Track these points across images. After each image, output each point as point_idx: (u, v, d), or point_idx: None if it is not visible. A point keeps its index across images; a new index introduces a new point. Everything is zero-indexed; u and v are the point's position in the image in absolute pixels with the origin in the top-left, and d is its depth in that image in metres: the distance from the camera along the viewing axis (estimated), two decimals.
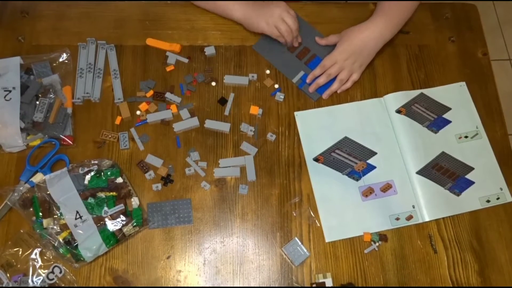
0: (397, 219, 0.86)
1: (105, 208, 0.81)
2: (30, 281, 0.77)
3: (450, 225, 0.87)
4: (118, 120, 0.90)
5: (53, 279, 0.78)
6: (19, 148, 0.87)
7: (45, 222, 0.80)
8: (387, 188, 0.89)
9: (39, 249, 0.79)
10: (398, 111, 0.94)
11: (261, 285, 0.81)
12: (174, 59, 0.96)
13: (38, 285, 0.77)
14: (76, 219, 0.80)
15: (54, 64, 0.93)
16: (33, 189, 0.83)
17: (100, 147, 0.88)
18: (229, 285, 0.81)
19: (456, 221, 0.87)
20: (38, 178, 0.83)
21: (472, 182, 0.90)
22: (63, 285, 0.78)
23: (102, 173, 0.84)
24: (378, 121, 0.94)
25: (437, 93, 0.97)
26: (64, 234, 0.79)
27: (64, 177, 0.83)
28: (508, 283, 0.83)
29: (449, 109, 0.96)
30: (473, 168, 0.91)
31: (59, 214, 0.81)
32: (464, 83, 0.98)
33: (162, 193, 0.86)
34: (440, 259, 0.84)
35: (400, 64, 0.99)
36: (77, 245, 0.79)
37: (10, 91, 0.87)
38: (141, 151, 0.89)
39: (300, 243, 0.83)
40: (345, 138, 0.92)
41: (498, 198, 0.89)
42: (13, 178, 0.85)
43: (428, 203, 0.87)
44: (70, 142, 0.87)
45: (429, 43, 1.02)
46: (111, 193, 0.83)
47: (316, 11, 1.03)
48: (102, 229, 0.80)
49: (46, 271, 0.78)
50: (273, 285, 0.81)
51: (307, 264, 0.83)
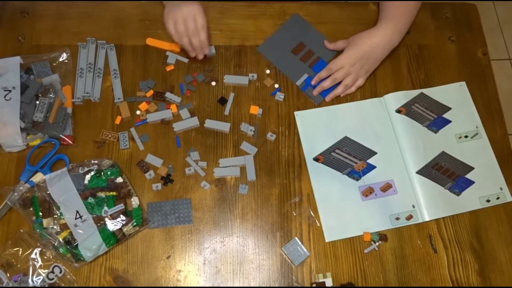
0: (397, 218, 0.86)
1: (105, 208, 0.81)
2: (30, 281, 0.77)
3: (450, 224, 0.87)
4: (118, 120, 0.90)
5: (53, 279, 0.78)
6: (19, 148, 0.87)
7: (45, 222, 0.80)
8: (387, 188, 0.89)
9: (39, 249, 0.79)
10: (398, 111, 0.94)
11: (261, 285, 0.81)
12: (174, 59, 0.96)
13: (38, 285, 0.77)
14: (76, 219, 0.80)
15: (54, 64, 0.93)
16: (33, 189, 0.83)
17: (100, 147, 0.88)
18: (229, 285, 0.81)
19: (456, 220, 0.87)
20: (38, 178, 0.83)
21: (472, 182, 0.90)
22: (63, 285, 0.78)
23: (102, 173, 0.84)
24: (378, 121, 0.94)
25: (437, 93, 0.97)
26: (64, 234, 0.79)
27: (64, 177, 0.83)
28: (508, 283, 0.83)
29: (449, 109, 0.96)
30: (473, 168, 0.91)
31: (59, 214, 0.81)
32: (464, 83, 0.98)
33: (162, 193, 0.86)
34: (440, 258, 0.84)
35: (400, 64, 0.99)
36: (77, 245, 0.79)
37: (10, 91, 0.87)
38: (141, 151, 0.89)
39: (300, 243, 0.83)
40: (345, 138, 0.92)
41: (498, 198, 0.89)
42: (13, 178, 0.85)
43: (428, 202, 0.87)
44: (70, 142, 0.87)
45: (429, 43, 1.02)
46: (111, 193, 0.83)
47: (316, 11, 1.03)
48: (102, 229, 0.80)
49: (46, 271, 0.78)
50: (273, 285, 0.81)
51: (307, 264, 0.83)
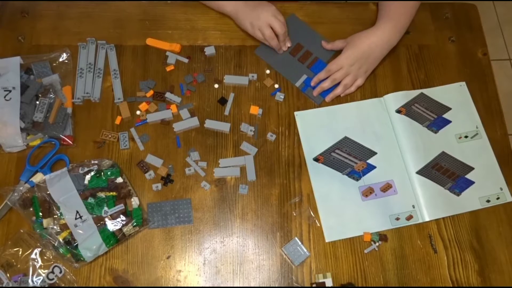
0: (397, 219, 0.86)
1: (105, 208, 0.81)
2: (30, 281, 0.77)
3: (450, 225, 0.87)
4: (118, 120, 0.90)
5: (53, 279, 0.78)
6: (19, 148, 0.87)
7: (45, 222, 0.80)
8: (387, 188, 0.89)
9: (39, 249, 0.79)
10: (398, 111, 0.94)
11: (261, 285, 0.81)
12: (174, 59, 0.96)
13: (38, 285, 0.77)
14: (76, 219, 0.80)
15: (54, 64, 0.93)
16: (33, 189, 0.83)
17: (100, 147, 0.88)
18: (229, 285, 0.81)
19: (456, 221, 0.87)
20: (38, 178, 0.83)
21: (472, 182, 0.90)
22: (63, 285, 0.78)
23: (102, 173, 0.84)
24: (378, 121, 0.94)
25: (437, 93, 0.97)
26: (64, 234, 0.79)
27: (64, 177, 0.83)
28: (508, 283, 0.83)
29: (449, 109, 0.96)
30: (473, 168, 0.91)
31: (59, 214, 0.81)
32: (464, 83, 0.98)
33: (162, 193, 0.86)
34: (440, 259, 0.84)
35: (400, 64, 0.99)
36: (77, 245, 0.79)
37: (10, 91, 0.87)
38: (141, 151, 0.89)
39: (300, 243, 0.83)
40: (345, 138, 0.92)
41: (498, 198, 0.89)
42: (13, 178, 0.85)
43: (428, 203, 0.87)
44: (70, 142, 0.87)
45: (429, 43, 1.02)
46: (111, 193, 0.83)
47: (316, 11, 1.03)
48: (102, 229, 0.80)
49: (46, 271, 0.78)
50: (273, 285, 0.81)
51: (307, 264, 0.83)
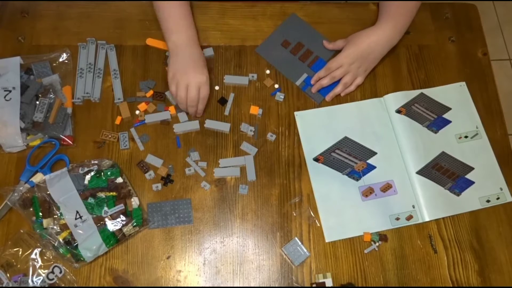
0: (397, 219, 0.86)
1: (105, 208, 0.81)
2: (30, 281, 0.77)
3: (450, 225, 0.87)
4: (118, 120, 0.90)
5: (53, 279, 0.78)
6: (19, 148, 0.87)
7: (45, 222, 0.80)
8: (387, 188, 0.89)
9: (39, 249, 0.79)
10: (398, 111, 0.94)
11: (261, 285, 0.81)
12: None
13: (38, 285, 0.77)
14: (76, 219, 0.80)
15: (54, 64, 0.93)
16: (33, 189, 0.83)
17: (100, 147, 0.88)
18: (229, 285, 0.81)
19: (456, 221, 0.87)
20: (38, 178, 0.83)
21: (472, 182, 0.90)
22: (63, 285, 0.78)
23: (102, 173, 0.84)
24: (378, 121, 0.94)
25: (437, 93, 0.97)
26: (64, 234, 0.79)
27: (64, 177, 0.83)
28: (508, 283, 0.83)
29: (449, 109, 0.96)
30: (473, 168, 0.91)
31: (59, 214, 0.81)
32: (464, 83, 0.98)
33: (162, 193, 0.86)
34: (440, 259, 0.84)
35: (400, 64, 0.99)
36: (77, 245, 0.79)
37: (10, 91, 0.87)
38: (141, 151, 0.89)
39: (300, 243, 0.83)
40: (345, 138, 0.92)
41: (498, 198, 0.89)
42: (13, 178, 0.85)
43: (428, 203, 0.87)
44: (70, 142, 0.87)
45: (429, 43, 1.02)
46: (111, 193, 0.83)
47: (316, 11, 1.03)
48: (102, 229, 0.80)
49: (46, 271, 0.78)
50: (273, 285, 0.81)
51: (307, 264, 0.83)
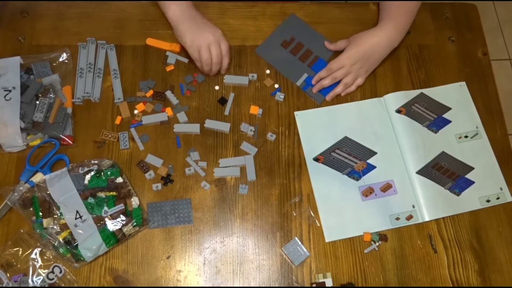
0: (397, 219, 0.86)
1: (105, 208, 0.81)
2: (30, 281, 0.77)
3: (450, 225, 0.87)
4: (118, 120, 0.90)
5: (53, 279, 0.78)
6: (19, 148, 0.87)
7: (45, 222, 0.80)
8: (387, 188, 0.89)
9: (39, 249, 0.79)
10: (398, 111, 0.94)
11: (261, 285, 0.81)
12: (174, 59, 0.96)
13: (38, 285, 0.77)
14: (76, 219, 0.80)
15: (54, 64, 0.93)
16: (33, 189, 0.83)
17: (100, 147, 0.88)
18: (229, 285, 0.81)
19: (456, 221, 0.87)
20: (38, 178, 0.83)
21: (472, 182, 0.90)
22: (63, 285, 0.78)
23: (102, 173, 0.84)
24: (378, 121, 0.94)
25: (437, 93, 0.97)
26: (64, 234, 0.79)
27: (64, 177, 0.83)
28: (508, 283, 0.83)
29: (449, 109, 0.96)
30: (473, 168, 0.91)
31: (59, 214, 0.81)
32: (464, 83, 0.98)
33: (162, 193, 0.86)
34: (440, 259, 0.84)
35: (400, 64, 0.99)
36: (77, 245, 0.79)
37: (10, 91, 0.87)
38: (141, 151, 0.89)
39: (300, 243, 0.83)
40: (345, 138, 0.92)
41: (498, 198, 0.89)
42: (13, 178, 0.85)
43: (428, 203, 0.87)
44: (70, 142, 0.87)
45: (429, 43, 1.02)
46: (111, 193, 0.83)
47: (316, 11, 1.03)
48: (102, 229, 0.80)
49: (46, 271, 0.78)
50: (273, 285, 0.81)
51: (307, 264, 0.83)
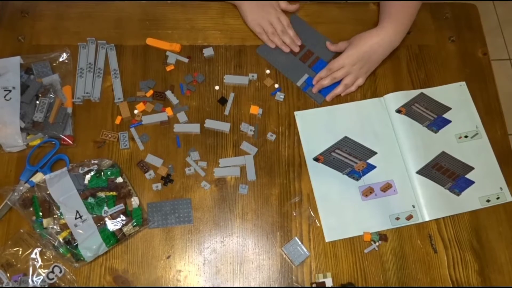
0: (397, 218, 0.86)
1: (105, 208, 0.81)
2: (30, 280, 0.77)
3: (450, 224, 0.87)
4: (118, 120, 0.90)
5: (53, 278, 0.78)
6: (19, 148, 0.87)
7: (45, 222, 0.80)
8: (387, 188, 0.89)
9: (39, 249, 0.79)
10: (398, 111, 0.94)
11: (261, 285, 0.81)
12: (174, 59, 0.96)
13: (38, 285, 0.77)
14: (76, 218, 0.80)
15: (54, 64, 0.93)
16: (33, 189, 0.83)
17: (100, 147, 0.88)
18: (229, 285, 0.81)
19: (456, 221, 0.87)
20: (38, 178, 0.83)
21: (472, 182, 0.90)
22: (63, 285, 0.78)
23: (102, 173, 0.84)
24: (378, 121, 0.94)
25: (437, 93, 0.97)
26: (64, 233, 0.79)
27: (64, 177, 0.83)
28: (508, 283, 0.83)
29: (449, 109, 0.96)
30: (473, 168, 0.91)
31: (59, 214, 0.81)
32: (464, 83, 0.98)
33: (162, 193, 0.86)
34: (440, 258, 0.84)
35: (400, 64, 0.99)
36: (77, 244, 0.79)
37: (10, 91, 0.87)
38: (141, 151, 0.89)
39: (300, 243, 0.83)
40: (345, 138, 0.92)
41: (498, 198, 0.89)
42: (13, 178, 0.85)
43: (428, 202, 0.87)
44: (70, 142, 0.87)
45: (429, 43, 1.02)
46: (111, 193, 0.83)
47: (316, 11, 1.03)
48: (102, 229, 0.80)
49: (46, 270, 0.78)
50: (273, 285, 0.81)
51: (307, 263, 0.83)
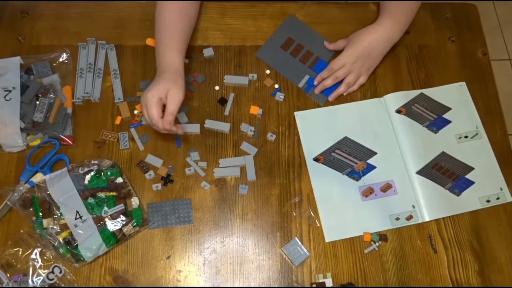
0: (397, 219, 0.86)
1: (105, 208, 0.81)
2: (30, 281, 0.77)
3: (450, 225, 0.87)
4: (118, 120, 0.90)
5: (53, 279, 0.78)
6: (19, 148, 0.87)
7: (45, 222, 0.80)
8: (387, 188, 0.89)
9: (39, 249, 0.79)
10: (398, 111, 0.94)
11: (261, 285, 0.81)
12: None
13: (38, 285, 0.77)
14: (76, 219, 0.80)
15: (54, 64, 0.93)
16: (33, 189, 0.83)
17: (100, 147, 0.88)
18: (229, 285, 0.81)
19: (456, 221, 0.87)
20: (38, 178, 0.83)
21: (472, 182, 0.90)
22: (63, 285, 0.78)
23: (102, 173, 0.84)
24: (378, 121, 0.94)
25: (437, 93, 0.97)
26: (64, 234, 0.79)
27: (64, 177, 0.83)
28: (508, 283, 0.83)
29: (449, 109, 0.96)
30: (473, 168, 0.91)
31: (59, 214, 0.81)
32: (464, 83, 0.98)
33: (162, 193, 0.86)
34: (440, 259, 0.84)
35: (400, 64, 0.99)
36: (77, 245, 0.79)
37: (10, 91, 0.87)
38: (141, 151, 0.89)
39: (300, 243, 0.83)
40: (345, 138, 0.92)
41: (498, 198, 0.89)
42: (13, 178, 0.85)
43: (428, 203, 0.87)
44: (70, 142, 0.87)
45: (429, 43, 1.02)
46: (111, 193, 0.83)
47: (316, 11, 1.03)
48: (102, 229, 0.80)
49: (46, 271, 0.78)
50: (273, 285, 0.81)
51: (307, 264, 0.83)
